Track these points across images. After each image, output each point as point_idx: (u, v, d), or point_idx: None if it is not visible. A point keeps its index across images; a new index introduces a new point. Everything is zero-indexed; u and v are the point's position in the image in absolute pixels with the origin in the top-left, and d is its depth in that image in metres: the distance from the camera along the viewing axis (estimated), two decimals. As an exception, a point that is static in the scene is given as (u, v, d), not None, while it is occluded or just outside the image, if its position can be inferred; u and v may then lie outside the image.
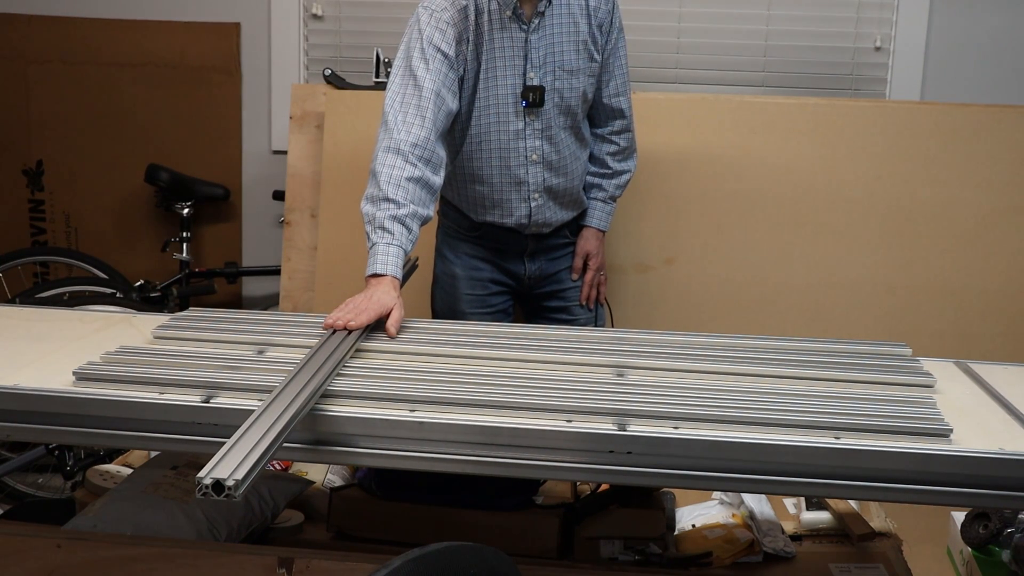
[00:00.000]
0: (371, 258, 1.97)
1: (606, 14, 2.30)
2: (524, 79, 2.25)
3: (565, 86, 2.28)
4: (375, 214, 1.99)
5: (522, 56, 2.24)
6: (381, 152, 2.05)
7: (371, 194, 2.02)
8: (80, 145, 3.50)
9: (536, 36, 2.23)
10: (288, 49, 3.40)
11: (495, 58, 2.22)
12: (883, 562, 2.13)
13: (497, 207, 2.37)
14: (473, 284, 2.46)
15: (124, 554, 1.90)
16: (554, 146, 2.31)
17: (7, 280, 3.44)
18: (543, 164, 2.32)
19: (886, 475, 1.51)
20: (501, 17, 2.20)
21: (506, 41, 2.22)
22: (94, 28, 3.43)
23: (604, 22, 2.30)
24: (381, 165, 2.03)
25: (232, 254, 3.54)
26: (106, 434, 1.64)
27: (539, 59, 2.24)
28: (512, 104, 2.26)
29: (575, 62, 2.28)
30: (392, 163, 2.02)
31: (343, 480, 2.42)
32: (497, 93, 2.25)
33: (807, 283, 2.92)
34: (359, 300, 1.90)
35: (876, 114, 2.94)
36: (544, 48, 2.24)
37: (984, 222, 2.88)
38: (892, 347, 1.95)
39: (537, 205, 2.36)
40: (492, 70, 2.23)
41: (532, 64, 2.24)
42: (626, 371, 1.80)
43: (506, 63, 2.23)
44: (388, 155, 2.03)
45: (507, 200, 2.35)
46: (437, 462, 1.57)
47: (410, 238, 2.00)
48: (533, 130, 2.28)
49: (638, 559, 2.11)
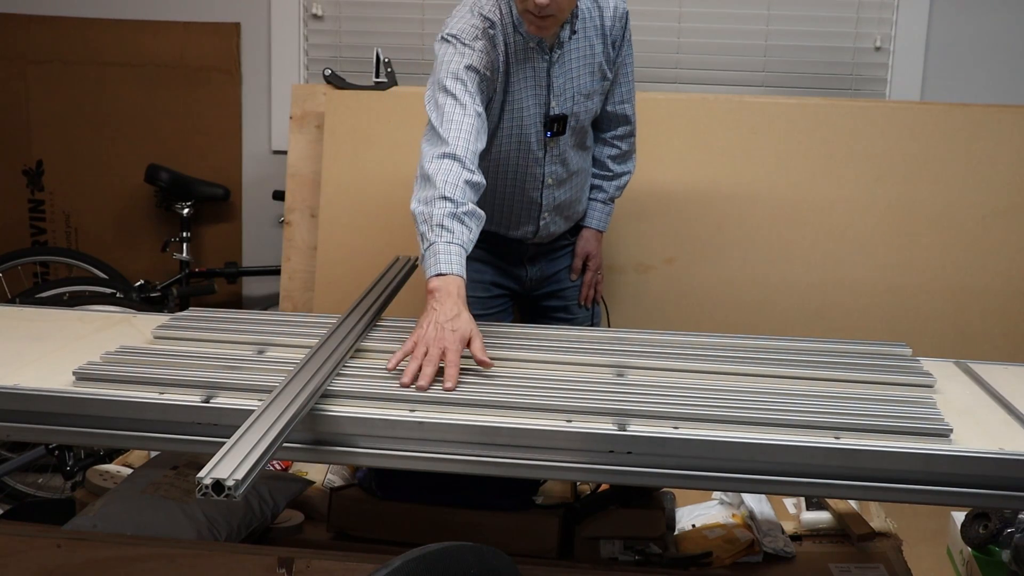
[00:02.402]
0: (430, 259, 1.84)
1: (619, 30, 2.28)
2: (547, 108, 2.22)
3: (582, 110, 2.26)
4: (431, 213, 1.87)
5: (545, 86, 2.20)
6: (435, 159, 1.95)
7: (424, 196, 1.90)
8: (80, 145, 3.50)
9: (558, 66, 2.20)
10: (288, 49, 3.40)
11: (520, 88, 2.19)
12: (883, 562, 2.13)
13: (505, 221, 2.36)
14: (474, 287, 2.45)
15: (124, 554, 1.90)
16: (566, 166, 2.31)
17: (7, 280, 3.44)
18: (555, 185, 2.32)
19: (886, 475, 1.51)
20: (525, 47, 2.16)
21: (528, 71, 2.18)
22: (94, 28, 3.43)
23: (617, 38, 2.28)
24: (436, 169, 1.93)
25: (232, 254, 3.54)
26: (106, 434, 1.64)
27: (560, 88, 2.22)
28: (535, 134, 2.23)
29: (591, 85, 2.26)
30: (448, 168, 1.93)
31: (343, 480, 2.42)
32: (522, 123, 2.21)
33: (807, 283, 2.92)
34: (429, 334, 1.73)
35: (876, 114, 2.93)
36: (564, 76, 2.22)
37: (984, 222, 2.88)
38: (892, 347, 1.95)
39: (545, 223, 2.37)
40: (516, 100, 2.19)
41: (554, 93, 2.21)
42: (626, 371, 1.80)
43: (529, 93, 2.20)
44: (444, 160, 1.94)
45: (516, 217, 2.35)
46: (437, 462, 1.57)
47: (470, 237, 1.89)
48: (552, 156, 2.27)
49: (638, 559, 2.11)
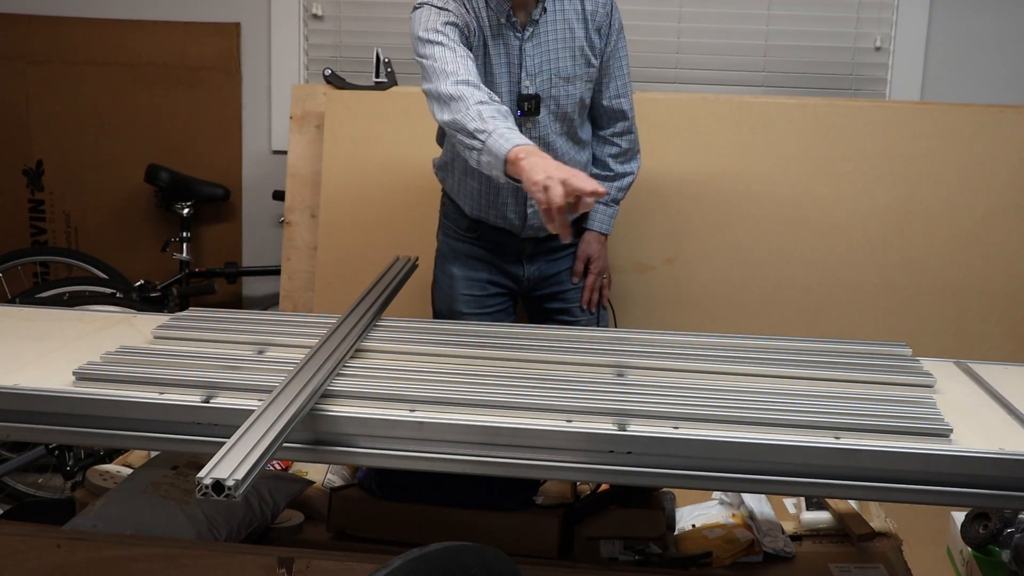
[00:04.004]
0: (497, 140, 1.83)
1: (604, 17, 2.27)
2: (519, 87, 2.23)
3: (561, 94, 2.26)
4: (478, 111, 1.88)
5: (517, 64, 2.21)
6: (452, 86, 1.95)
7: (457, 108, 1.92)
8: (80, 145, 3.50)
9: (531, 44, 2.21)
10: (288, 49, 3.40)
11: (491, 65, 2.20)
12: (883, 562, 2.13)
13: (492, 207, 2.36)
14: (471, 285, 2.45)
15: (124, 554, 1.90)
16: (551, 153, 2.29)
17: (7, 280, 3.44)
18: None
19: (886, 475, 1.51)
20: (496, 24, 2.18)
21: (501, 49, 2.20)
22: (94, 28, 3.43)
23: (603, 25, 2.27)
24: (459, 91, 1.94)
25: (232, 254, 3.54)
26: (106, 434, 1.64)
27: (535, 67, 2.22)
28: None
29: (571, 69, 2.26)
30: (472, 89, 1.94)
31: (343, 480, 2.42)
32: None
33: (807, 283, 2.92)
34: (550, 166, 1.73)
35: (876, 114, 2.93)
36: (539, 56, 2.22)
37: (984, 222, 2.88)
38: (892, 347, 1.95)
39: (533, 211, 2.34)
40: (488, 76, 2.20)
41: (527, 72, 2.22)
42: (626, 371, 1.80)
43: (501, 71, 2.21)
44: (461, 85, 1.95)
45: (502, 203, 2.34)
46: (437, 462, 1.57)
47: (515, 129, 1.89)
48: (530, 138, 2.26)
49: (638, 559, 2.11)
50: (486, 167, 1.90)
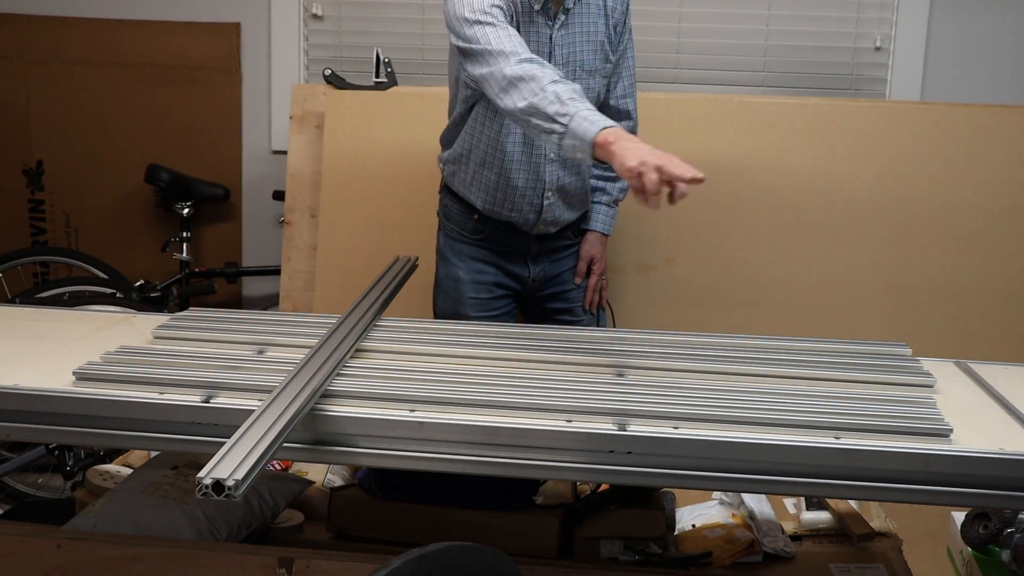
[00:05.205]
0: (582, 124, 1.75)
1: (621, 15, 2.28)
2: None
3: (584, 86, 2.23)
4: (556, 92, 1.79)
5: (547, 53, 2.19)
6: (516, 64, 1.87)
7: (530, 89, 1.83)
8: (80, 145, 3.50)
9: (560, 34, 2.20)
10: (288, 49, 3.40)
11: None
12: (883, 562, 2.13)
13: (508, 200, 2.33)
14: (478, 287, 2.44)
15: (124, 554, 1.90)
16: None
17: (7, 280, 3.44)
18: (559, 162, 2.31)
19: (886, 475, 1.51)
20: (529, 10, 2.16)
21: (531, 36, 2.17)
22: (94, 28, 3.43)
23: (619, 23, 2.28)
24: (525, 70, 1.86)
25: (232, 254, 3.54)
26: (106, 434, 1.64)
27: (562, 57, 2.21)
28: None
29: (593, 62, 2.25)
30: (538, 67, 1.87)
31: (343, 480, 2.42)
32: None
33: (807, 283, 2.92)
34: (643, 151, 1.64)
35: (876, 114, 2.93)
36: (567, 47, 2.21)
37: (984, 222, 2.88)
38: (892, 347, 1.95)
39: (549, 204, 2.34)
40: None
41: (556, 62, 2.20)
42: (626, 371, 1.80)
43: None
44: (525, 64, 1.88)
45: (520, 195, 2.32)
46: (437, 462, 1.57)
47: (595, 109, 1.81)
48: None
49: (638, 559, 2.11)
50: (568, 150, 1.81)
